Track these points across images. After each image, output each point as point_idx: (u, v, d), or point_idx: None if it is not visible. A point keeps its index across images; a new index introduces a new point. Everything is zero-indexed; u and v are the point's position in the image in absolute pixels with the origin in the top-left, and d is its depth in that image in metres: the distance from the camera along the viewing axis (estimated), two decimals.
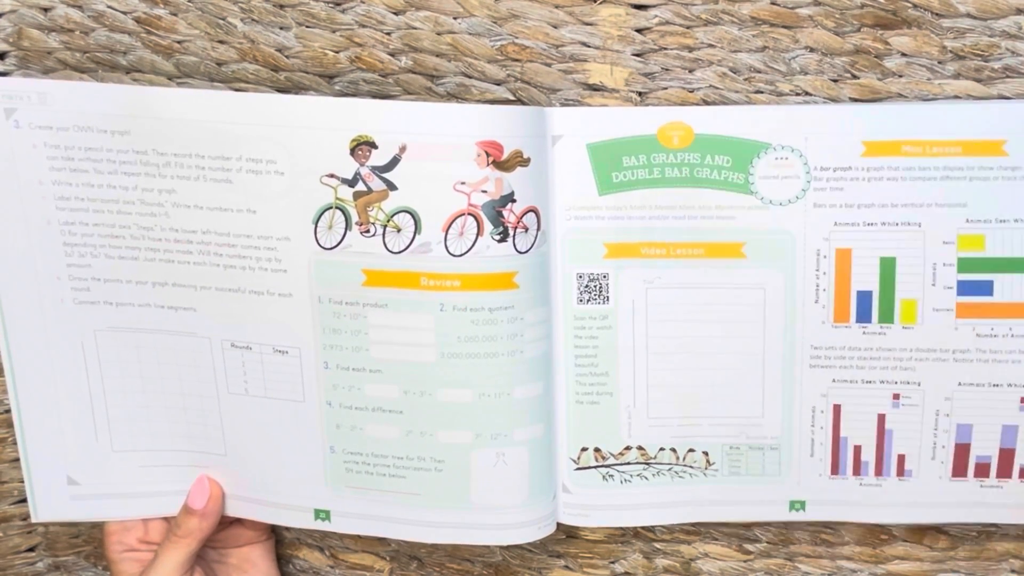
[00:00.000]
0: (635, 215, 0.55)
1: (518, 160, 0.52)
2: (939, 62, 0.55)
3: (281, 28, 0.56)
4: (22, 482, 0.63)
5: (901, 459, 0.58)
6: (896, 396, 0.57)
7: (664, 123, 0.54)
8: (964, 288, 0.55)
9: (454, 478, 0.56)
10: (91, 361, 0.57)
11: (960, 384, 0.56)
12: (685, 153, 0.54)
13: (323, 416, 0.56)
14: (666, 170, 0.54)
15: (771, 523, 0.62)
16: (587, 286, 0.56)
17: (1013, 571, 0.62)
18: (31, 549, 0.65)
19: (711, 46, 0.55)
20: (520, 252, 0.53)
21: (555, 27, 0.55)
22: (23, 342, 0.56)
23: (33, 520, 0.59)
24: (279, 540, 0.64)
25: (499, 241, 0.53)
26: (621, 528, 0.62)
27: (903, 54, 0.55)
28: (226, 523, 0.60)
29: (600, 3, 0.55)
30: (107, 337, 0.57)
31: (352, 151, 0.52)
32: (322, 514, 0.58)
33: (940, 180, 0.54)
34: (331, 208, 0.53)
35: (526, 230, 0.53)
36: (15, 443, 0.62)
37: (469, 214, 0.52)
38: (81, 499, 0.59)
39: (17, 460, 0.62)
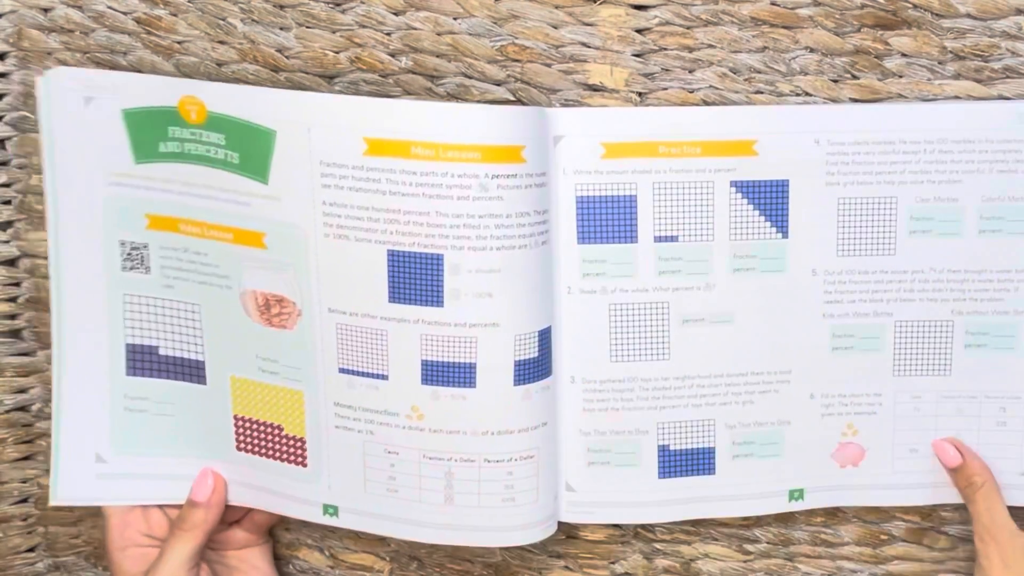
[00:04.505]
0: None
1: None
2: (939, 62, 0.55)
3: (281, 28, 0.56)
4: (23, 482, 0.63)
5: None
6: None
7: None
8: None
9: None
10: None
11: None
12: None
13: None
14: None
15: (771, 524, 0.62)
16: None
17: None
18: (31, 549, 0.65)
19: (711, 46, 0.55)
20: None
21: (555, 27, 0.55)
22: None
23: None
24: (278, 540, 0.64)
25: None
26: (621, 528, 0.62)
27: (903, 54, 0.55)
28: (225, 524, 0.60)
29: (600, 3, 0.55)
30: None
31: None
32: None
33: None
34: None
35: None
36: (15, 443, 0.62)
37: None
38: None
39: (17, 460, 0.63)
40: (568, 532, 0.62)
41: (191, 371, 0.58)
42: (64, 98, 0.55)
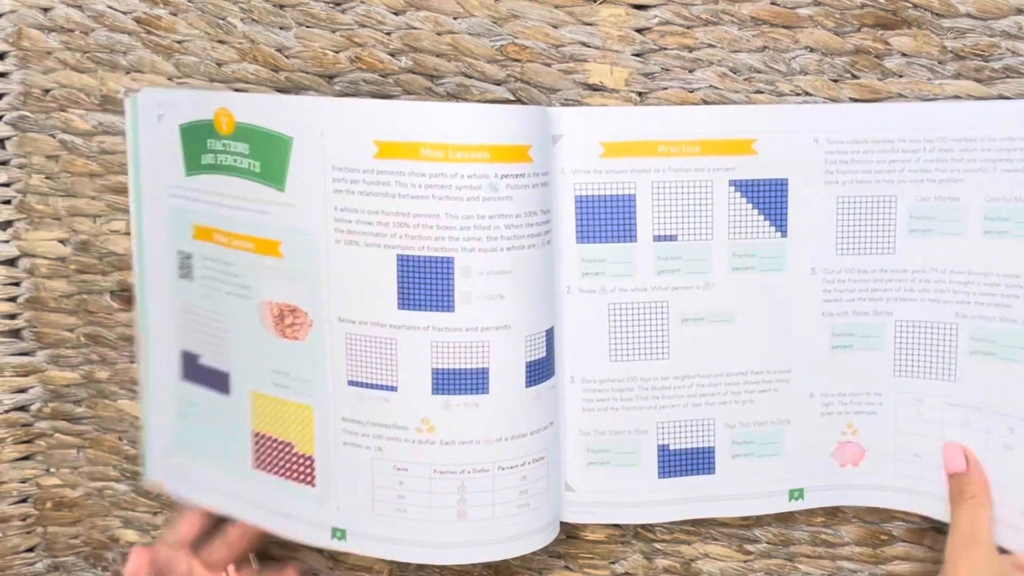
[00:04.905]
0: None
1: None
2: (939, 62, 0.55)
3: (281, 28, 0.56)
4: (22, 482, 0.63)
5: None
6: None
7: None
8: None
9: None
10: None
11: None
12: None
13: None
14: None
15: (771, 523, 0.62)
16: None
17: None
18: (31, 549, 0.65)
19: (711, 46, 0.55)
20: None
21: (555, 27, 0.55)
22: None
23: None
24: (277, 541, 0.64)
25: None
26: (621, 528, 0.62)
27: (903, 54, 0.55)
28: (221, 563, 0.60)
29: (600, 3, 0.55)
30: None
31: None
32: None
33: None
34: None
35: None
36: (15, 443, 0.63)
37: None
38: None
39: (17, 460, 0.63)
40: (568, 532, 0.62)
41: (220, 383, 0.58)
42: (145, 117, 0.57)
